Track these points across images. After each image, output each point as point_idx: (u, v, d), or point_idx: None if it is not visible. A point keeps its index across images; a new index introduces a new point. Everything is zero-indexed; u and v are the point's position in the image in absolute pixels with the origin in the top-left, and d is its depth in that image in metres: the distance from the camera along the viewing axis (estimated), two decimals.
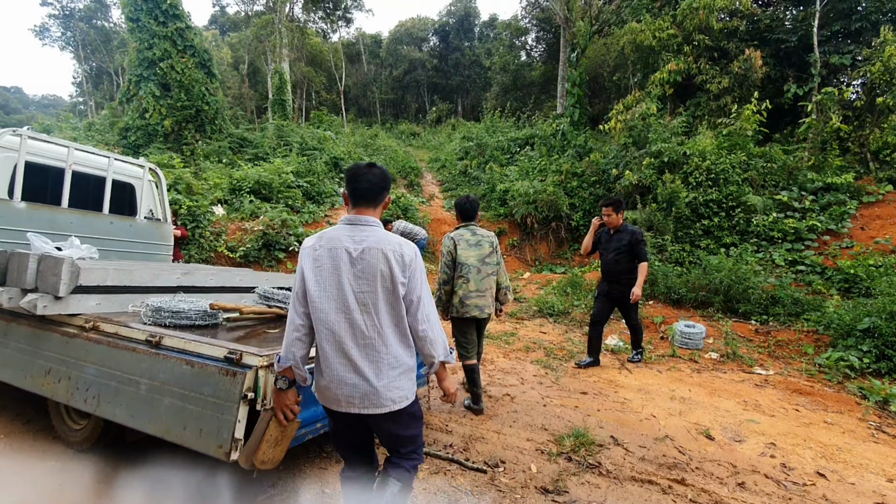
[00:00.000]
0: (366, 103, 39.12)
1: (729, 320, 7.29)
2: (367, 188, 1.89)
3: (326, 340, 1.82)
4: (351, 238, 1.83)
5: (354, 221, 1.87)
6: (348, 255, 1.80)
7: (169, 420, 2.34)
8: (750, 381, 4.92)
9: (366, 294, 1.80)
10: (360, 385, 1.79)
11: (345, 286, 1.79)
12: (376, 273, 1.79)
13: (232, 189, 11.18)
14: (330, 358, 1.82)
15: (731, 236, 9.44)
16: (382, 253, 1.80)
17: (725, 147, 10.34)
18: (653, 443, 3.46)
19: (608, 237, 5.15)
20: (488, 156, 18.54)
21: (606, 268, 5.17)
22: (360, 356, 1.80)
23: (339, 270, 1.80)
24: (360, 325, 1.80)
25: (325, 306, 1.80)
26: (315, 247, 1.84)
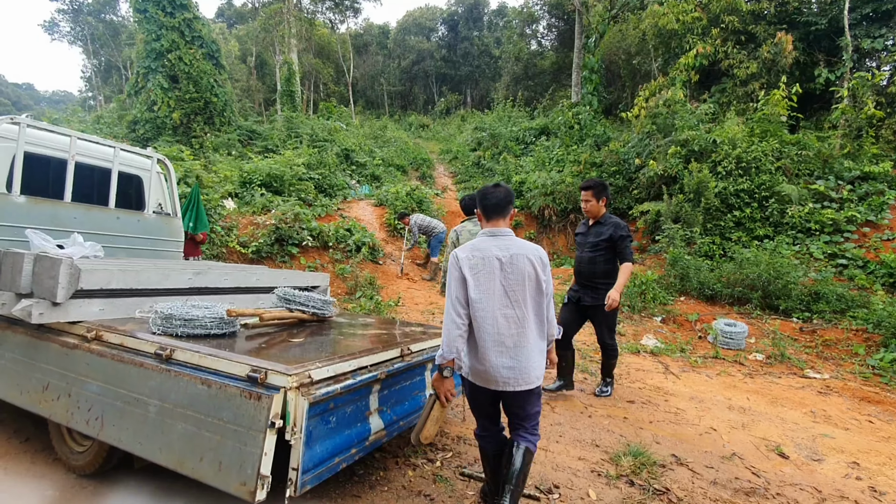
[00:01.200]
0: (374, 95, 38.65)
1: (769, 318, 6.88)
2: (495, 204, 2.28)
3: (487, 333, 2.15)
4: (497, 247, 2.20)
5: (495, 234, 2.25)
6: (499, 262, 2.17)
7: (182, 449, 2.01)
8: (811, 388, 4.52)
9: (516, 292, 2.16)
10: (515, 367, 2.14)
11: (500, 288, 2.15)
12: (524, 274, 2.16)
13: (242, 182, 10.86)
14: (490, 348, 2.14)
15: (764, 228, 8.96)
16: (527, 258, 2.18)
17: (757, 134, 9.83)
18: (720, 462, 3.09)
19: (585, 230, 4.06)
20: (502, 146, 18.08)
21: (580, 268, 4.04)
22: (514, 344, 2.15)
23: (493, 275, 2.16)
24: (513, 318, 2.16)
25: (486, 305, 2.14)
26: (470, 257, 2.18)
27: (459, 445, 3.21)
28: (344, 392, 2.18)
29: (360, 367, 2.36)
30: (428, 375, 3.06)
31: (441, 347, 2.17)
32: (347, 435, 2.26)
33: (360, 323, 3.54)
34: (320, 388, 2.04)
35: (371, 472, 2.79)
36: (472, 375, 2.24)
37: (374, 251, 9.93)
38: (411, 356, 2.81)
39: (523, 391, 2.18)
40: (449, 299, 2.17)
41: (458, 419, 3.62)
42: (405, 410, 2.74)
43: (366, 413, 2.41)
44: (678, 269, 8.15)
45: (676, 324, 6.86)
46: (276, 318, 2.88)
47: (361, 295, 7.85)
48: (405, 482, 2.71)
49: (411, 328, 3.45)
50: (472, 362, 2.21)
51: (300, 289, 4.13)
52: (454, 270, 2.18)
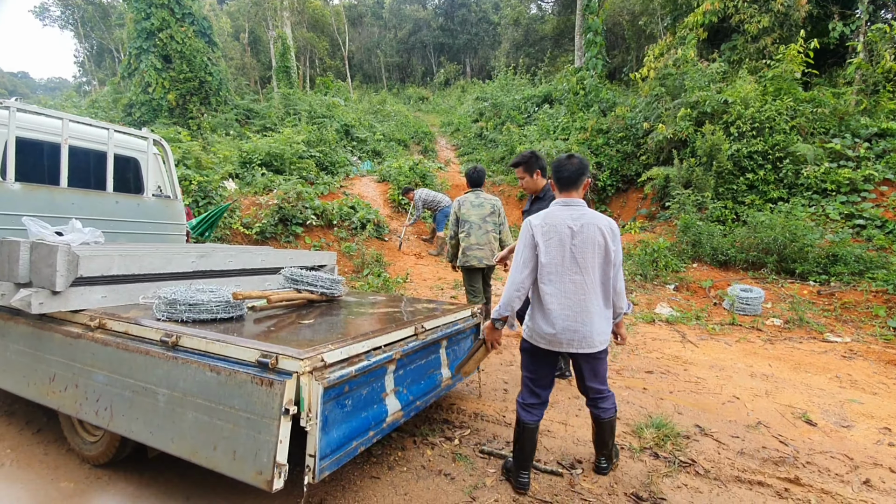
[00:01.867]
0: (371, 69, 37.80)
1: (785, 282, 6.74)
2: (568, 176, 2.36)
3: (553, 296, 2.27)
4: (569, 216, 2.29)
5: (568, 203, 2.33)
6: (570, 230, 2.26)
7: (195, 439, 1.93)
8: (834, 353, 4.42)
9: (585, 259, 2.25)
10: (580, 330, 2.26)
11: (568, 255, 2.26)
12: (594, 243, 2.25)
13: (242, 162, 10.67)
14: (556, 311, 2.27)
15: (778, 190, 8.72)
16: (598, 227, 2.26)
17: (770, 92, 9.47)
18: (745, 431, 3.01)
19: (528, 207, 3.68)
20: (504, 116, 17.68)
21: None
22: (580, 309, 2.26)
23: (563, 243, 2.26)
24: (580, 283, 2.26)
25: (554, 270, 2.27)
26: (542, 224, 2.30)
27: (477, 422, 3.15)
28: (359, 374, 2.09)
29: (374, 347, 2.27)
30: (443, 353, 2.98)
31: (500, 303, 2.33)
32: (364, 418, 2.18)
33: (370, 301, 3.44)
34: (334, 371, 1.95)
35: (389, 452, 2.73)
36: (537, 337, 2.35)
37: (379, 228, 9.80)
38: (425, 334, 2.71)
39: (587, 353, 2.33)
40: (516, 262, 2.33)
41: (475, 395, 3.55)
42: (422, 390, 2.66)
43: (382, 394, 2.33)
44: (690, 235, 7.98)
45: (690, 291, 6.74)
46: (284, 299, 2.78)
47: (369, 273, 7.77)
48: (424, 461, 2.65)
49: (423, 305, 3.35)
50: (538, 324, 2.33)
51: (307, 268, 4.04)
52: (527, 236, 2.32)
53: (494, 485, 2.45)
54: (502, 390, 3.65)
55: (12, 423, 3.05)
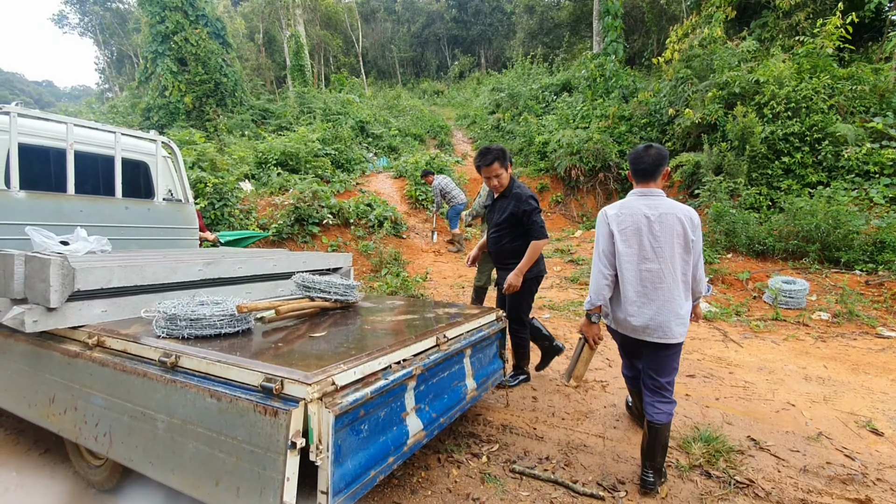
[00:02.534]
0: (385, 64, 37.59)
1: (829, 271, 6.30)
2: (645, 168, 2.36)
3: (631, 285, 2.30)
4: (646, 206, 2.30)
5: (645, 194, 2.34)
6: (647, 220, 2.28)
7: (196, 472, 1.74)
8: (893, 350, 4.04)
9: (663, 248, 2.25)
10: (656, 319, 2.26)
11: (645, 244, 2.28)
12: (673, 232, 2.25)
13: (258, 162, 10.59)
14: (633, 299, 2.30)
15: (817, 174, 8.21)
16: (677, 217, 2.26)
17: (806, 70, 8.91)
18: (806, 444, 2.71)
19: (490, 205, 3.50)
20: (522, 106, 17.27)
21: (489, 248, 3.51)
22: (656, 297, 2.26)
23: (640, 232, 2.29)
24: (657, 272, 2.26)
25: (631, 259, 2.30)
26: (618, 213, 2.34)
27: (506, 435, 2.91)
28: (375, 396, 1.87)
29: (392, 363, 2.05)
30: (467, 362, 2.74)
31: (589, 295, 2.42)
32: (382, 443, 1.96)
33: (387, 307, 3.22)
34: (347, 394, 1.73)
35: (412, 473, 2.52)
36: (616, 324, 2.44)
37: (396, 225, 9.60)
38: (448, 344, 2.48)
39: (661, 344, 2.29)
40: (596, 252, 2.40)
41: (502, 405, 3.31)
42: (445, 405, 2.43)
43: (402, 414, 2.11)
44: (723, 224, 7.55)
45: (726, 284, 6.36)
46: (294, 309, 2.57)
47: (387, 272, 7.58)
48: (450, 483, 2.43)
49: (445, 310, 3.11)
50: (616, 312, 2.41)
51: (321, 272, 3.85)
52: (603, 226, 2.38)
53: None
54: (531, 398, 3.40)
55: (20, 442, 2.94)
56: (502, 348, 3.20)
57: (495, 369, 3.12)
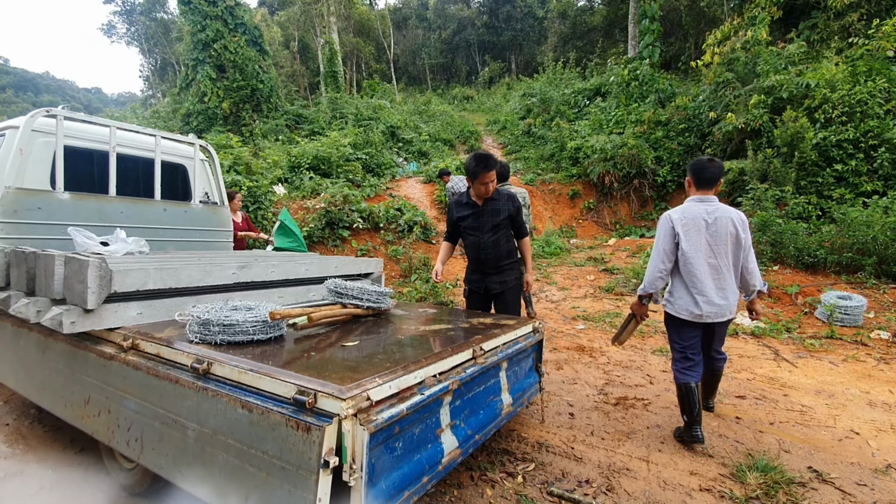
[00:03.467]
0: (415, 71, 37.92)
1: (887, 287, 5.88)
2: (709, 178, 2.80)
3: (696, 278, 2.74)
4: (705, 211, 2.75)
5: (703, 200, 2.80)
6: (705, 223, 2.73)
7: (226, 485, 1.68)
8: None
9: (719, 246, 2.72)
10: (718, 303, 2.73)
11: (704, 242, 2.73)
12: (727, 232, 2.71)
13: (291, 167, 10.74)
14: (698, 290, 2.74)
15: (872, 182, 7.72)
16: (730, 219, 2.73)
17: (862, 73, 8.41)
18: (873, 477, 2.46)
19: (476, 210, 3.31)
20: (553, 111, 17.03)
21: (483, 255, 3.34)
22: (716, 287, 2.73)
23: (700, 232, 2.73)
24: (715, 266, 2.73)
25: (695, 255, 2.73)
26: (681, 217, 2.77)
27: (542, 454, 2.76)
28: (411, 412, 1.77)
29: (428, 377, 1.94)
30: (503, 376, 2.61)
31: (644, 282, 2.89)
32: (417, 461, 1.86)
33: (419, 315, 3.13)
34: (382, 410, 1.64)
35: (444, 491, 2.40)
36: (683, 312, 2.82)
37: (426, 230, 9.54)
38: (484, 357, 2.36)
39: (723, 322, 2.83)
40: (657, 249, 2.82)
41: (537, 420, 3.17)
42: (481, 422, 2.31)
43: (437, 431, 2.00)
44: (769, 234, 7.17)
45: (773, 298, 6.01)
46: (327, 316, 2.51)
47: (416, 277, 7.51)
48: None
49: (480, 320, 2.99)
50: (683, 302, 2.81)
51: (352, 277, 3.79)
52: (667, 226, 2.81)
53: None
54: (567, 415, 3.24)
55: (57, 440, 2.97)
56: (539, 361, 3.06)
57: (531, 383, 2.98)
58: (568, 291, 6.81)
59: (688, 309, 2.77)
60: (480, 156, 3.18)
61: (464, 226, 3.38)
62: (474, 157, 3.17)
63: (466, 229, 3.38)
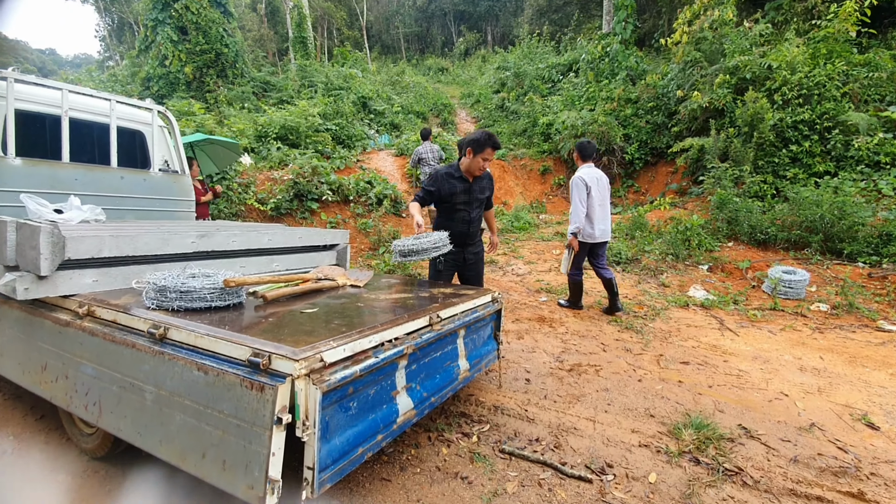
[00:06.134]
0: (389, 39, 36.90)
1: (830, 263, 6.26)
2: (591, 152, 4.74)
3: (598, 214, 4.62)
4: (596, 173, 4.67)
5: (591, 167, 4.71)
6: (597, 179, 4.62)
7: (183, 444, 1.74)
8: (893, 344, 4.02)
9: (603, 195, 4.68)
10: (604, 229, 4.67)
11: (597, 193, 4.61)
12: (606, 186, 4.73)
13: (258, 136, 10.46)
14: (600, 220, 4.64)
15: (825, 163, 8.07)
16: (606, 178, 4.75)
17: (822, 56, 8.69)
18: (797, 435, 2.71)
19: (465, 187, 3.39)
20: (527, 86, 16.99)
21: (468, 228, 3.47)
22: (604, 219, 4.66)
23: (595, 186, 4.58)
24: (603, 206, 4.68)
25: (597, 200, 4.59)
26: (587, 177, 4.56)
27: (497, 416, 2.92)
28: (365, 373, 1.85)
29: (383, 341, 2.03)
30: (461, 343, 2.73)
31: (575, 224, 4.52)
32: (372, 420, 1.96)
33: (382, 285, 3.20)
34: (336, 371, 1.72)
35: (402, 450, 2.53)
36: (587, 237, 4.63)
37: (396, 204, 9.53)
38: (441, 324, 2.46)
39: (605, 242, 4.74)
40: (579, 199, 4.51)
41: (495, 386, 3.32)
42: (437, 385, 2.43)
43: (392, 393, 2.10)
44: (726, 212, 7.49)
45: (725, 272, 6.32)
46: (285, 293, 2.54)
47: (385, 250, 7.55)
48: (439, 462, 2.44)
49: (440, 290, 3.09)
50: (587, 231, 4.62)
51: (317, 248, 3.81)
52: (582, 184, 4.53)
53: (516, 491, 2.22)
54: (524, 381, 3.41)
55: (17, 407, 2.95)
56: (497, 330, 3.19)
57: (490, 350, 3.11)
58: (534, 265, 6.98)
59: (590, 234, 4.57)
60: (491, 133, 3.31)
61: (455, 201, 3.41)
62: (485, 132, 3.29)
63: (457, 204, 3.42)
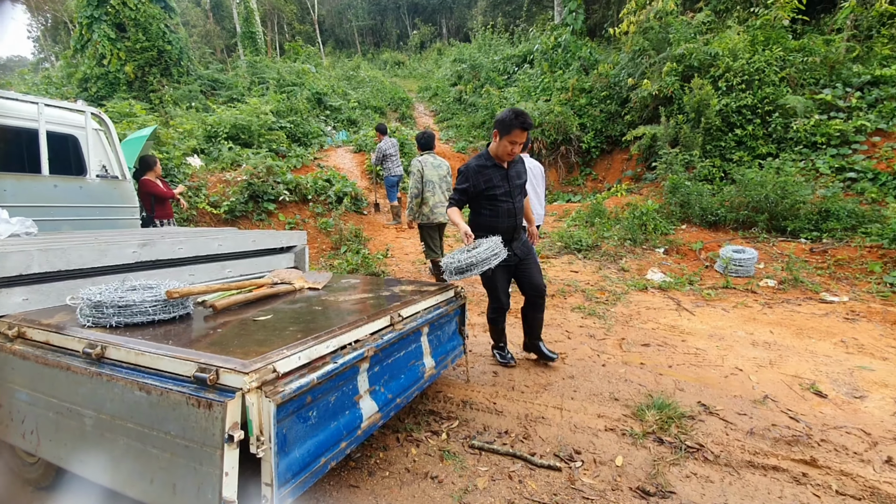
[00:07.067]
0: (343, 33, 36.19)
1: (776, 240, 6.58)
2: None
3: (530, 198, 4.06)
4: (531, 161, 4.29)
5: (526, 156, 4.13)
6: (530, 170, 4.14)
7: (129, 470, 1.62)
8: (836, 314, 4.25)
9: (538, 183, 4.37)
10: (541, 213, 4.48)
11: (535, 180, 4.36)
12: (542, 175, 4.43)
13: (207, 136, 10.03)
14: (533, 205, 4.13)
15: (767, 145, 8.47)
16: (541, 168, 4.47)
17: (760, 42, 9.08)
18: (752, 407, 2.82)
19: (502, 174, 3.10)
20: (484, 78, 17.04)
21: (516, 221, 3.18)
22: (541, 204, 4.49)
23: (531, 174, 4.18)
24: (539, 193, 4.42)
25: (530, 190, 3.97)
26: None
27: (466, 411, 2.90)
28: (323, 381, 1.78)
29: (342, 346, 1.96)
30: (424, 341, 2.68)
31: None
32: (334, 428, 1.88)
33: (342, 286, 3.11)
34: (291, 381, 1.63)
35: (370, 454, 2.47)
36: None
37: (357, 201, 9.36)
38: (403, 323, 2.40)
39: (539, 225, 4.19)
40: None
41: (463, 381, 3.30)
42: (402, 385, 2.37)
43: (354, 398, 2.03)
44: (678, 195, 7.75)
45: (680, 254, 6.54)
46: (237, 301, 2.42)
47: (346, 249, 7.41)
48: (408, 463, 2.40)
49: (402, 287, 3.03)
50: None
51: (273, 251, 3.67)
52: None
53: (487, 486, 2.20)
54: (491, 373, 3.40)
55: None
56: (462, 324, 3.16)
57: (455, 346, 3.08)
58: None
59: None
60: (521, 111, 2.90)
61: (496, 193, 3.07)
62: (513, 111, 2.90)
63: (498, 196, 3.08)
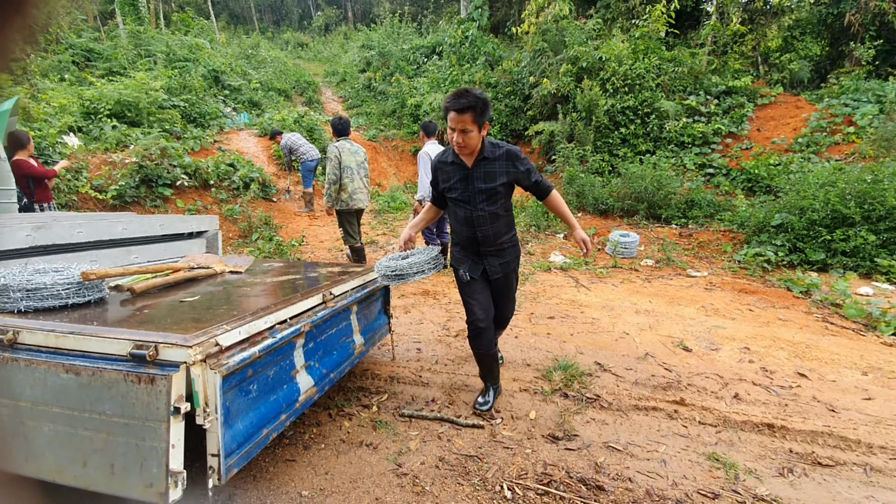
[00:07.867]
0: (238, 8, 33.62)
1: (653, 226, 7.53)
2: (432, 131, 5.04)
3: None
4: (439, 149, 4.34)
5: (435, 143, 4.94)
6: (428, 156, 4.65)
7: (57, 456, 1.56)
8: (698, 286, 5.05)
9: None
10: None
11: None
12: None
13: (85, 113, 8.90)
14: None
15: (646, 143, 9.60)
16: None
17: (640, 51, 10.20)
18: (637, 363, 3.32)
19: (464, 175, 2.48)
20: (393, 67, 16.97)
21: (480, 233, 2.53)
22: None
23: None
24: None
25: None
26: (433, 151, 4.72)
27: (393, 385, 3.06)
28: (263, 354, 1.83)
29: (279, 322, 2.01)
30: (354, 319, 2.79)
31: (423, 192, 4.79)
32: (274, 401, 1.94)
33: (266, 269, 3.09)
34: (233, 355, 1.68)
35: (303, 431, 2.53)
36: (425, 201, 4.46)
37: (265, 187, 8.96)
38: (335, 301, 2.49)
39: None
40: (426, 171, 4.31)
41: (388, 359, 3.45)
42: (335, 361, 2.47)
43: (292, 372, 2.10)
44: (575, 186, 8.51)
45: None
46: (156, 284, 2.34)
47: (258, 237, 7.11)
48: (343, 435, 2.50)
49: (328, 269, 3.09)
50: None
51: (181, 236, 3.50)
52: (427, 157, 4.71)
53: (419, 447, 2.39)
54: (415, 350, 3.59)
55: None
56: (387, 304, 3.30)
57: (381, 324, 3.22)
58: None
59: None
60: (456, 92, 2.28)
61: (452, 197, 2.55)
62: (452, 94, 2.30)
63: (455, 200, 2.54)
